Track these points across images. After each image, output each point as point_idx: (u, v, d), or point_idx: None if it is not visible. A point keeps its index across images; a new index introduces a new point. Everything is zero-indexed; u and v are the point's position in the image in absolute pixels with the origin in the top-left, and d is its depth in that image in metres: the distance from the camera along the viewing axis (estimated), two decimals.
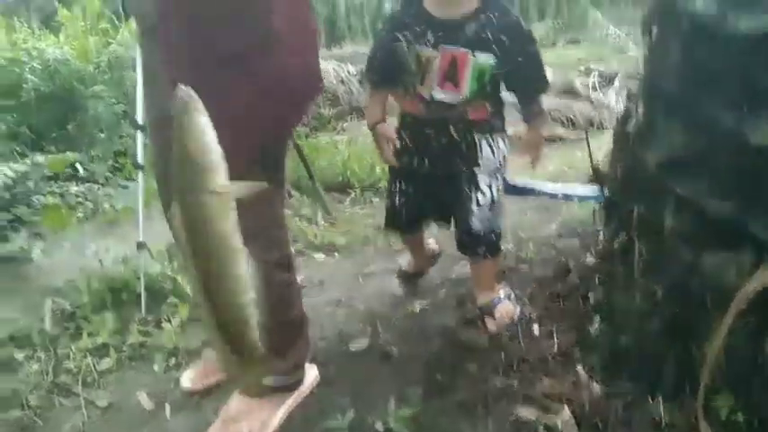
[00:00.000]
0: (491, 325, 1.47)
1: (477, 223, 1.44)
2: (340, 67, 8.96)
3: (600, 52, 12.09)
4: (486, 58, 1.30)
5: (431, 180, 1.47)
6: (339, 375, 1.40)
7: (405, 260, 1.84)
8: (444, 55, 1.31)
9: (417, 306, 1.68)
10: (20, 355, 1.57)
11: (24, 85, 4.29)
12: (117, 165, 4.43)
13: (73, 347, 1.59)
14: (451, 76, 1.32)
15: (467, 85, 1.32)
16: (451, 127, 1.39)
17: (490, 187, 1.42)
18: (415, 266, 1.80)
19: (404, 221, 1.57)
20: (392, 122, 1.49)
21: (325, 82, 7.66)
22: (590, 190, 2.43)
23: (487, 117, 1.40)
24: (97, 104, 4.55)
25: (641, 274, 1.13)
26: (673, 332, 1.07)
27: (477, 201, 1.43)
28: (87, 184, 4.28)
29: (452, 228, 1.54)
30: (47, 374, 1.49)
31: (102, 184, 4.50)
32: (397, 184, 1.53)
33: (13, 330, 1.66)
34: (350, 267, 2.08)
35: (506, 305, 1.49)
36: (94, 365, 1.53)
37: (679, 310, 1.06)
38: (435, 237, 1.85)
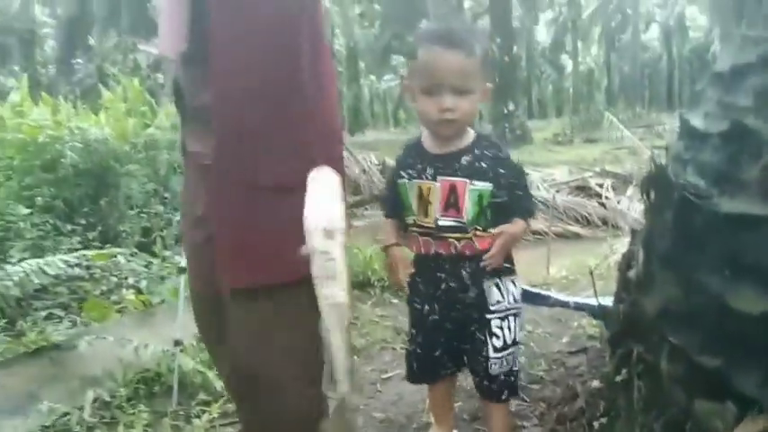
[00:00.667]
0: None
1: (495, 368, 1.46)
2: (363, 157, 9.30)
3: (615, 153, 12.47)
4: (483, 185, 1.41)
5: (441, 328, 1.50)
6: None
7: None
8: (444, 184, 1.41)
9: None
10: None
11: (63, 161, 4.56)
12: (144, 240, 4.63)
13: None
14: (453, 202, 1.41)
15: (467, 209, 1.41)
16: (463, 267, 1.44)
17: (503, 329, 1.46)
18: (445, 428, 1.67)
19: (416, 371, 1.57)
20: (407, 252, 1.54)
21: (346, 171, 7.93)
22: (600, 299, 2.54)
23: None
24: (130, 182, 4.85)
25: (641, 411, 1.25)
26: None
27: (493, 346, 1.45)
28: (113, 259, 4.52)
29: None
30: None
31: (127, 259, 4.74)
32: (410, 332, 1.56)
33: (55, 418, 1.79)
34: (368, 372, 2.19)
35: None
36: None
37: None
38: None
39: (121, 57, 22.02)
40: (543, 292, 3.16)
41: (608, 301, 1.77)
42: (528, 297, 3.27)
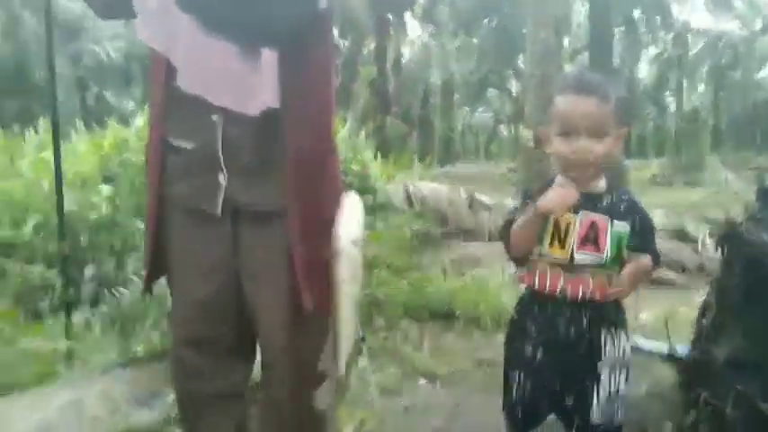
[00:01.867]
0: None
1: (596, 417, 1.46)
2: (451, 190, 9.44)
3: (716, 198, 11.92)
4: (622, 226, 1.42)
5: (551, 376, 1.49)
6: None
7: None
8: (585, 220, 1.41)
9: None
10: None
11: None
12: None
13: None
14: (592, 238, 1.41)
15: (607, 247, 1.40)
16: (583, 313, 1.45)
17: (611, 381, 1.45)
18: None
19: (521, 418, 1.56)
20: None
21: (434, 202, 8.02)
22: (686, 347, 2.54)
23: (617, 301, 1.47)
24: None
25: None
26: None
27: (599, 395, 1.45)
28: None
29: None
30: None
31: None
32: (517, 377, 1.53)
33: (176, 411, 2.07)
34: (450, 397, 2.34)
35: None
36: None
37: None
38: None
39: None
40: (647, 346, 3.20)
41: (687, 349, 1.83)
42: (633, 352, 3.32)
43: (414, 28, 30.21)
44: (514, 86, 29.59)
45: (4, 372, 2.27)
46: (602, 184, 1.48)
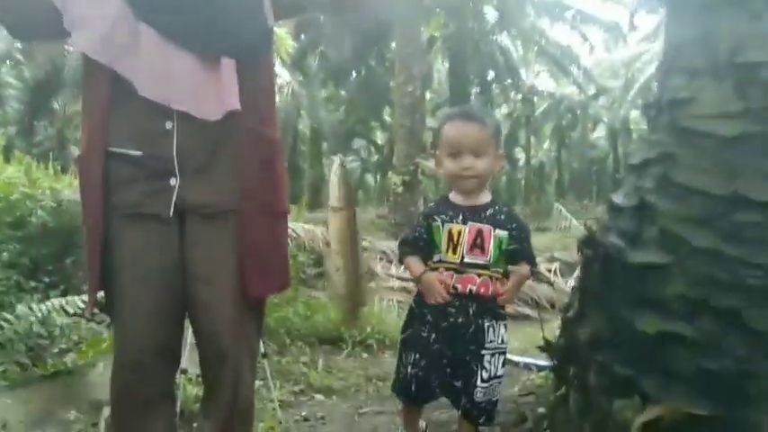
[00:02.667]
0: None
1: (479, 396, 1.71)
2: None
3: (564, 241, 13.21)
4: (502, 233, 1.73)
5: (442, 356, 1.73)
6: None
7: None
8: (472, 228, 1.71)
9: None
10: None
11: (33, 219, 4.58)
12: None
13: None
14: (479, 244, 1.71)
15: (491, 250, 1.71)
16: (470, 306, 1.71)
17: (491, 364, 1.72)
18: None
19: (414, 392, 1.77)
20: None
21: (310, 242, 8.07)
22: (545, 360, 2.95)
23: (498, 296, 1.74)
24: None
25: (575, 416, 1.60)
26: None
27: (482, 377, 1.71)
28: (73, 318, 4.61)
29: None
30: None
31: (87, 319, 4.83)
32: (412, 356, 1.76)
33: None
34: (346, 408, 2.48)
35: None
36: None
37: None
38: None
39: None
40: (524, 360, 3.57)
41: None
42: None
43: (284, 76, 30.59)
44: (380, 137, 30.74)
45: None
46: (486, 197, 1.79)
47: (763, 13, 1.43)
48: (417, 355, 1.75)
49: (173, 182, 1.32)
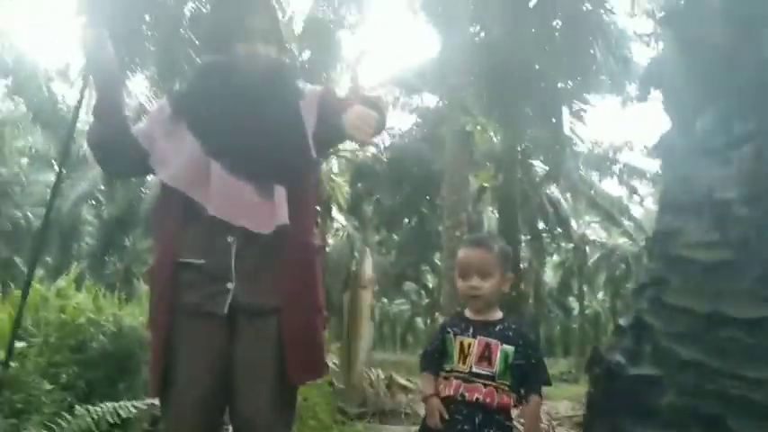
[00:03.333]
0: None
1: None
2: (371, 372, 9.61)
3: None
4: (509, 348, 1.88)
5: None
6: None
7: None
8: (480, 342, 1.89)
9: None
10: None
11: (94, 344, 4.99)
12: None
13: None
14: (486, 356, 1.88)
15: (497, 364, 1.87)
16: (476, 416, 1.85)
17: None
18: None
19: None
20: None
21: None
22: None
23: (507, 409, 1.88)
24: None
25: None
26: None
27: None
28: None
29: None
30: None
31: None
32: None
33: None
34: None
35: None
36: None
37: None
38: None
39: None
40: None
41: None
42: None
43: (340, 219, 31.95)
44: (430, 280, 31.00)
45: None
46: (497, 314, 1.98)
47: (732, 160, 1.69)
48: None
49: (229, 285, 1.60)
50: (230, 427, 2.21)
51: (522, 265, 22.37)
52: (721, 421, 1.43)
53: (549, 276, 37.94)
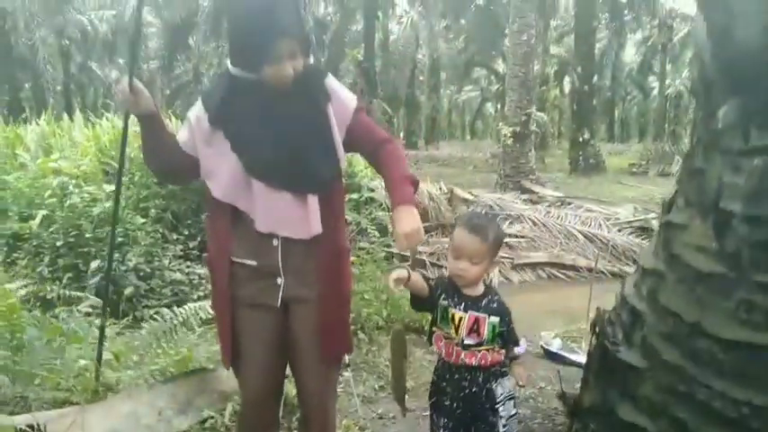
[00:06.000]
0: None
1: None
2: (432, 185, 10.05)
3: None
4: (495, 319, 2.08)
5: (465, 417, 2.11)
6: None
7: None
8: (470, 317, 2.07)
9: None
10: None
11: None
12: None
13: None
14: (475, 330, 2.07)
15: (486, 334, 2.07)
16: (479, 376, 2.07)
17: (505, 410, 2.10)
18: None
19: None
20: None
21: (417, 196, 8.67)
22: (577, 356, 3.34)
23: (499, 362, 2.10)
24: None
25: None
26: None
27: (501, 424, 2.10)
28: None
29: None
30: None
31: None
32: (442, 420, 2.15)
33: (206, 418, 2.74)
34: (414, 407, 2.97)
35: None
36: None
37: None
38: None
39: (217, 60, 23.87)
40: (562, 353, 3.92)
41: None
42: (548, 355, 4.05)
43: (402, 4, 30.37)
44: (500, 65, 29.95)
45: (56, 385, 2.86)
46: (480, 289, 2.13)
47: (743, 169, 1.66)
48: (446, 419, 2.15)
49: (279, 281, 1.88)
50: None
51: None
52: (685, 424, 1.65)
53: (630, 55, 35.71)
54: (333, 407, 2.12)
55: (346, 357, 2.87)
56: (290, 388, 2.70)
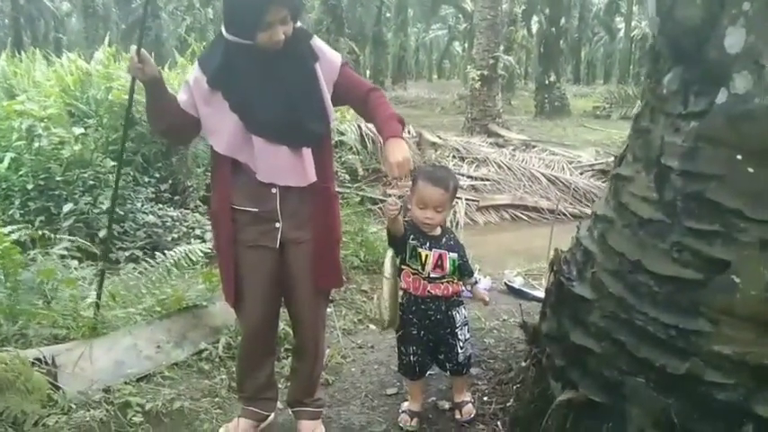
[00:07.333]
0: (458, 415, 2.53)
1: (461, 358, 2.47)
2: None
3: None
4: (454, 255, 2.40)
5: (429, 342, 2.46)
6: (378, 406, 2.67)
7: (408, 405, 2.59)
8: (434, 253, 2.38)
9: None
10: (206, 366, 2.91)
11: (144, 121, 5.05)
12: (208, 194, 5.03)
13: (233, 367, 2.89)
14: (440, 264, 2.38)
15: (448, 267, 2.39)
16: (442, 305, 2.40)
17: (463, 333, 2.45)
18: (418, 406, 2.55)
19: (416, 372, 2.48)
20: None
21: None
22: (536, 291, 3.71)
23: (457, 293, 2.43)
24: (198, 142, 5.51)
25: (531, 383, 2.36)
26: None
27: (459, 346, 2.46)
28: (181, 210, 5.37)
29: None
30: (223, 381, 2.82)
31: (192, 210, 5.58)
32: (410, 348, 2.47)
33: (200, 350, 2.99)
34: (392, 338, 3.31)
35: (470, 406, 2.54)
36: None
37: None
38: None
39: None
40: (523, 289, 4.26)
41: None
42: (511, 291, 4.39)
43: None
44: (468, 4, 29.58)
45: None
46: (439, 229, 2.44)
47: (681, 129, 1.92)
48: (414, 347, 2.47)
49: (277, 225, 2.12)
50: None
51: None
52: (623, 343, 1.96)
53: None
54: (323, 337, 2.39)
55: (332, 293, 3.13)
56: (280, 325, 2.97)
